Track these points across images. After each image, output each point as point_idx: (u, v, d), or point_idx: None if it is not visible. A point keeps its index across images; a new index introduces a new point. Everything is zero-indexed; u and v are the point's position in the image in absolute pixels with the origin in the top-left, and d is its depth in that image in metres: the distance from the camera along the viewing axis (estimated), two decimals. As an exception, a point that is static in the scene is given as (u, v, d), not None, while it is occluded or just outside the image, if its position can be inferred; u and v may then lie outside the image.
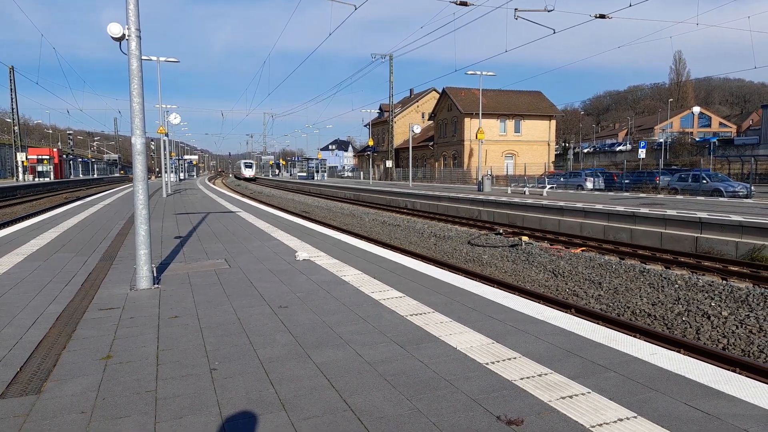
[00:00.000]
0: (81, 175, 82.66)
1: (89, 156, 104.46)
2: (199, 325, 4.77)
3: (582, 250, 13.25)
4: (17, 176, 58.81)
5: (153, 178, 72.21)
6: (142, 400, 3.23)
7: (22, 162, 57.96)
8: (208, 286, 6.29)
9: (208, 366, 3.77)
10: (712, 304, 8.08)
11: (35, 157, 62.95)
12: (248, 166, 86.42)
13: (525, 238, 13.97)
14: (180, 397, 3.26)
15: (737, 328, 7.14)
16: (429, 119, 66.26)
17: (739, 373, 5.24)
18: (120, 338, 4.40)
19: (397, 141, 66.64)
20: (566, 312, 7.43)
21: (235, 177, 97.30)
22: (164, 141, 30.37)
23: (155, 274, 6.45)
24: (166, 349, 4.12)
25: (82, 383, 3.48)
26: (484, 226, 19.01)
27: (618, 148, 74.97)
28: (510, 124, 54.85)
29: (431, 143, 61.82)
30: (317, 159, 78.76)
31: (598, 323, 6.93)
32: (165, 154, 29.42)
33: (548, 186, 28.14)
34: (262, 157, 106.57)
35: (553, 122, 56.84)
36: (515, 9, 19.17)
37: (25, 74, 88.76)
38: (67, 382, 3.50)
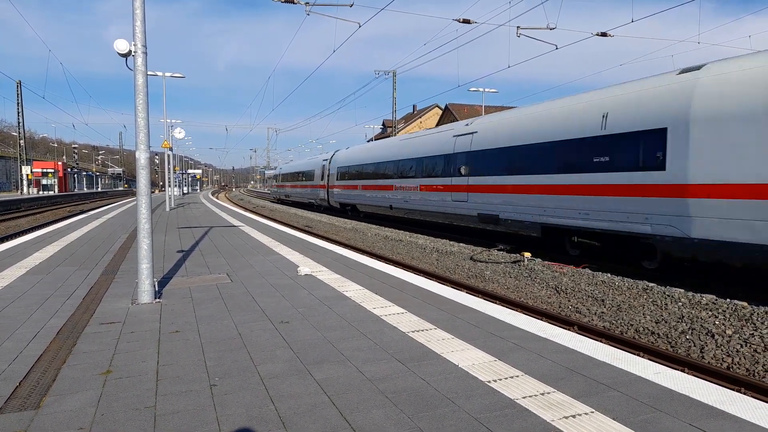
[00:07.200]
0: (85, 189, 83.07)
1: (94, 170, 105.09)
2: (200, 340, 4.75)
3: (584, 266, 13.19)
4: (22, 189, 59.12)
5: (157, 191, 72.48)
6: (141, 416, 3.21)
7: (27, 175, 58.32)
8: (210, 301, 6.28)
9: (209, 382, 3.75)
10: (716, 323, 8.02)
11: (40, 170, 63.36)
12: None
13: (527, 254, 13.91)
14: (179, 414, 3.23)
15: (742, 346, 7.07)
16: (432, 135, 66.43)
17: (744, 393, 5.19)
18: (120, 353, 4.39)
19: (400, 156, 66.74)
20: (569, 329, 7.39)
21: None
22: (168, 155, 30.56)
23: (157, 288, 6.44)
24: (167, 365, 4.10)
25: (81, 398, 3.46)
26: (487, 241, 18.96)
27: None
28: (513, 140, 54.91)
29: (434, 159, 61.93)
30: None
31: (601, 341, 6.89)
32: (169, 168, 29.58)
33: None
34: (266, 172, 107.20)
35: (556, 138, 56.89)
36: (518, 27, 19.30)
37: (31, 88, 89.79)
38: (66, 398, 3.48)
